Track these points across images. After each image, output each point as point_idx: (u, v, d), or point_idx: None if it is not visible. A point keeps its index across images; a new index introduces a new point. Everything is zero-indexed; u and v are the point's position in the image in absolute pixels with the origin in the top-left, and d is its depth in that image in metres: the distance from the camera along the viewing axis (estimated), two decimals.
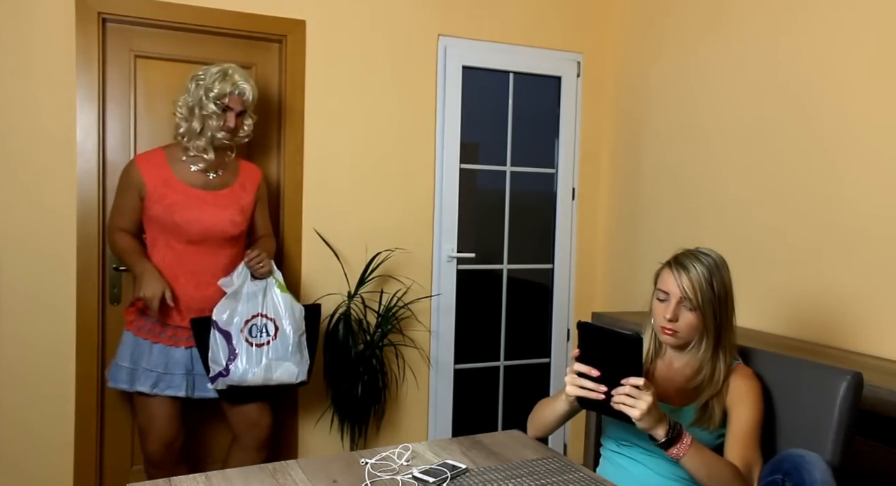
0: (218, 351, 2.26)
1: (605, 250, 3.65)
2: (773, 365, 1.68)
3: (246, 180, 2.47)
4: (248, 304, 2.32)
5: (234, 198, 2.40)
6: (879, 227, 2.31)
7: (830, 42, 2.48)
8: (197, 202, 2.31)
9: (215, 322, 2.26)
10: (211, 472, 1.39)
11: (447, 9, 3.24)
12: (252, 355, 2.28)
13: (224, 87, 2.27)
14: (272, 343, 2.32)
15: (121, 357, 2.33)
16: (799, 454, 1.40)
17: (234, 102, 2.30)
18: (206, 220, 2.30)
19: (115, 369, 2.33)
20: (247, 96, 2.33)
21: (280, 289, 2.39)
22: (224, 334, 2.26)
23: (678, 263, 1.61)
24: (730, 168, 2.89)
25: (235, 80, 2.29)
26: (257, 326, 2.31)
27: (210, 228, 2.31)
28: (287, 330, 2.35)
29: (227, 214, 2.34)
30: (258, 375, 2.28)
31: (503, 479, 1.36)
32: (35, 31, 2.59)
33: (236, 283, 2.31)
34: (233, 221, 2.36)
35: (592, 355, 1.43)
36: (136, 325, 2.34)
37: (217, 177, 2.39)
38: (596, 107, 3.63)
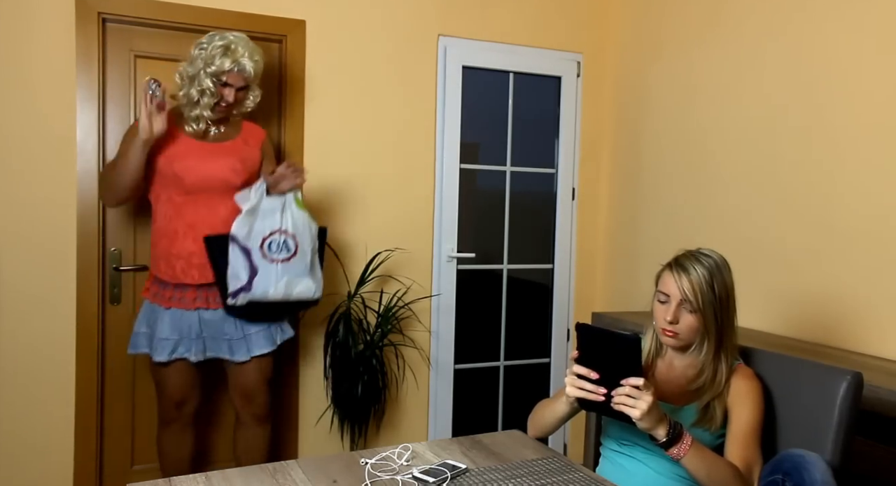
0: (239, 267, 2.25)
1: (605, 250, 3.65)
2: (773, 365, 1.68)
3: (249, 136, 2.46)
4: (266, 220, 2.30)
5: (236, 149, 2.39)
6: (879, 227, 2.31)
7: (830, 42, 2.48)
8: (196, 151, 2.30)
9: (235, 237, 2.25)
10: (211, 472, 1.39)
11: (447, 9, 3.24)
12: (272, 270, 2.28)
13: (223, 62, 2.22)
14: (293, 259, 2.31)
15: (139, 324, 2.37)
16: (799, 454, 1.40)
17: (234, 79, 2.26)
18: (204, 168, 2.29)
19: (135, 337, 2.36)
20: (248, 73, 2.27)
21: (298, 205, 2.37)
22: (244, 250, 2.25)
23: (678, 264, 1.61)
24: (730, 168, 2.89)
25: (237, 56, 2.24)
26: (276, 242, 2.30)
27: (209, 176, 2.29)
28: (305, 247, 2.35)
29: (227, 162, 2.33)
30: (279, 290, 2.29)
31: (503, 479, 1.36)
32: (35, 31, 2.59)
33: (254, 199, 2.29)
34: (233, 169, 2.34)
35: (591, 357, 1.43)
36: (151, 291, 2.37)
37: (219, 133, 2.39)
38: (596, 107, 3.63)
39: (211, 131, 2.38)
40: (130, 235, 2.79)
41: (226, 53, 2.22)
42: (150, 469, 2.83)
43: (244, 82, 2.29)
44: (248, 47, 2.27)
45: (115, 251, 2.76)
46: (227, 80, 2.25)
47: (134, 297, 2.79)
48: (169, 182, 2.30)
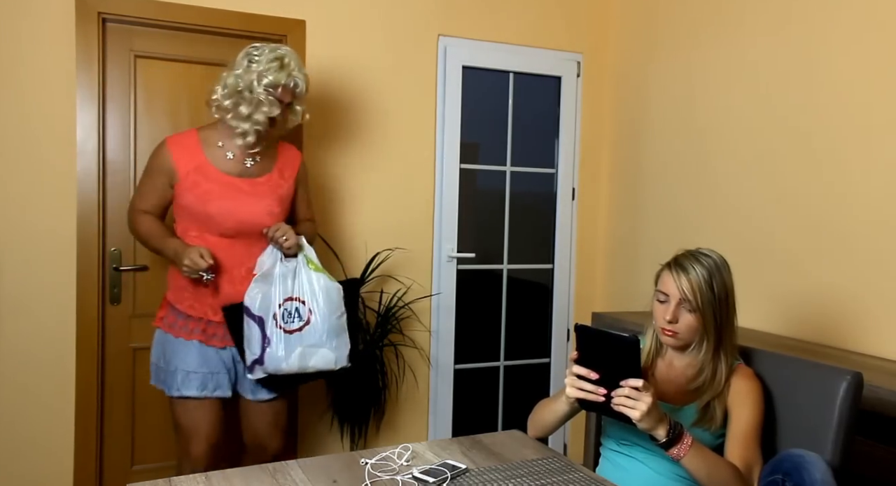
0: (252, 338, 2.10)
1: (605, 250, 3.65)
2: (773, 365, 1.68)
3: (284, 166, 2.30)
4: (280, 286, 2.13)
5: (273, 186, 2.23)
6: (879, 227, 2.31)
7: (830, 42, 2.48)
8: (232, 191, 2.14)
9: (247, 308, 2.10)
10: (211, 472, 1.39)
11: (447, 9, 3.24)
12: (285, 341, 2.10)
13: (279, 77, 2.10)
14: (305, 329, 2.12)
15: (156, 356, 2.21)
16: (799, 454, 1.40)
17: (285, 94, 2.14)
18: (241, 211, 2.13)
19: (156, 370, 2.21)
20: (300, 88, 2.17)
21: (312, 267, 2.19)
22: (256, 319, 2.10)
23: (678, 264, 1.61)
24: (730, 168, 2.89)
25: (291, 69, 2.13)
26: (289, 310, 2.12)
27: (246, 220, 2.14)
28: (320, 313, 2.14)
29: (264, 204, 2.17)
30: (293, 363, 2.10)
31: (503, 479, 1.36)
32: (35, 31, 2.59)
33: (267, 264, 2.14)
34: (270, 213, 2.19)
35: (591, 358, 1.44)
36: (167, 322, 2.19)
37: (255, 164, 2.21)
38: (596, 107, 3.63)
39: (247, 163, 2.19)
40: (130, 236, 2.79)
41: (281, 68, 2.11)
42: (151, 469, 2.83)
43: (292, 98, 2.18)
44: (298, 61, 2.18)
45: (115, 251, 2.76)
46: (279, 94, 2.13)
47: (134, 297, 2.79)
48: (201, 221, 2.13)
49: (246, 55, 2.14)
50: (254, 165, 2.21)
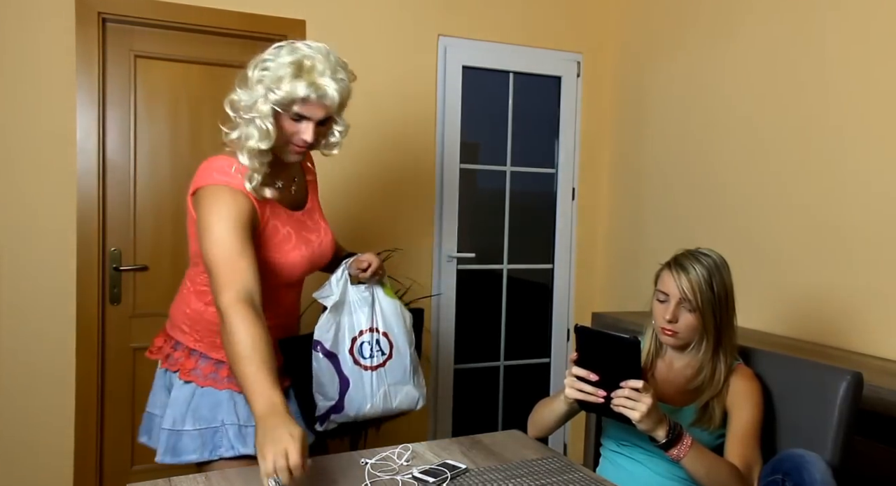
0: (326, 380, 1.70)
1: (605, 250, 3.65)
2: (773, 365, 1.68)
3: (312, 176, 1.89)
4: (353, 316, 1.77)
5: (321, 211, 1.84)
6: (879, 227, 2.31)
7: (830, 42, 2.48)
8: (302, 231, 1.70)
9: (319, 343, 1.71)
10: (211, 472, 1.39)
11: (447, 9, 3.24)
12: (367, 381, 1.74)
13: (296, 87, 1.49)
14: (389, 363, 1.77)
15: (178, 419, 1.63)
16: (799, 453, 1.40)
17: (312, 109, 1.53)
18: (315, 254, 1.73)
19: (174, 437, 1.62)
20: (330, 99, 1.53)
21: (387, 293, 1.85)
22: (331, 357, 1.72)
23: (678, 264, 1.61)
24: (730, 168, 2.89)
25: (314, 76, 1.51)
26: (369, 343, 1.77)
27: (318, 263, 1.76)
28: (402, 345, 1.80)
29: (329, 239, 1.79)
30: (377, 405, 1.74)
31: (503, 479, 1.36)
32: (35, 32, 2.59)
33: (336, 291, 1.77)
34: (333, 246, 1.81)
35: (590, 359, 1.43)
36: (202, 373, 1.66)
37: (297, 190, 1.76)
38: (596, 107, 3.63)
39: (293, 190, 1.72)
40: (130, 236, 2.79)
41: (299, 74, 1.51)
42: (151, 469, 2.83)
43: (325, 113, 1.56)
44: (328, 62, 1.54)
45: (115, 251, 2.76)
46: (301, 111, 1.53)
47: (134, 297, 2.79)
48: (271, 274, 1.63)
49: (257, 64, 1.56)
50: (297, 192, 1.76)
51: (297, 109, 1.53)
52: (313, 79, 1.51)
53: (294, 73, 1.50)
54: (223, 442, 1.60)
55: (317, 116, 1.55)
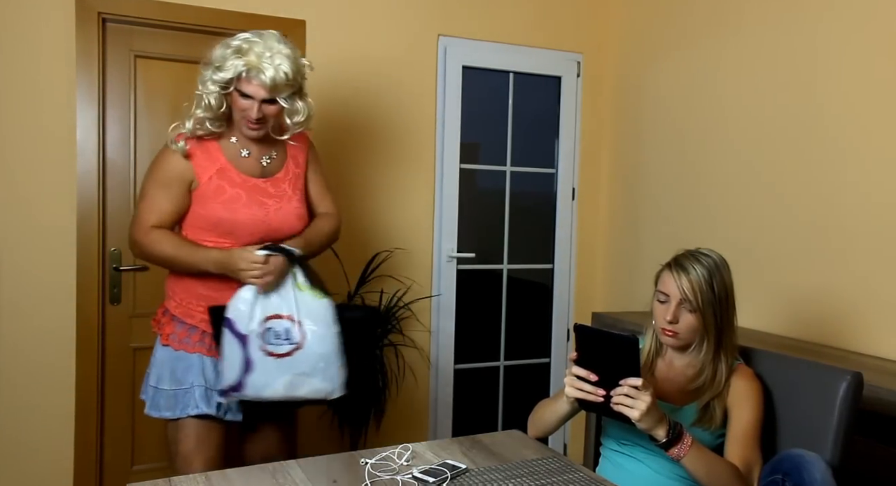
0: (232, 358, 1.75)
1: (605, 250, 3.65)
2: (773, 365, 1.68)
3: (297, 152, 2.00)
4: (268, 298, 1.79)
5: (294, 181, 1.95)
6: (879, 227, 2.31)
7: (830, 42, 2.48)
8: (259, 195, 1.86)
9: (230, 321, 1.75)
10: (210, 472, 1.39)
11: (447, 9, 3.24)
12: (271, 368, 1.76)
13: (234, 66, 1.74)
14: (297, 354, 1.77)
15: (157, 378, 1.88)
16: (799, 453, 1.40)
17: (252, 89, 1.76)
18: (272, 218, 1.86)
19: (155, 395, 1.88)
20: (266, 81, 1.74)
21: (301, 288, 1.84)
22: (240, 337, 1.75)
23: (678, 264, 1.61)
24: (730, 168, 2.89)
25: (251, 58, 1.73)
26: (278, 330, 1.77)
27: (277, 227, 1.88)
28: (317, 338, 1.79)
29: (292, 207, 1.91)
30: (278, 391, 1.78)
31: (503, 479, 1.36)
32: (35, 31, 2.59)
33: None
34: (299, 216, 1.93)
35: (590, 358, 1.44)
36: (177, 338, 1.88)
37: (271, 161, 1.93)
38: (596, 107, 3.63)
39: (263, 161, 1.91)
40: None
41: (238, 55, 1.74)
42: (150, 469, 2.83)
43: (268, 93, 1.77)
44: (268, 47, 1.75)
45: (115, 251, 2.76)
46: (242, 89, 1.77)
47: (134, 297, 2.79)
48: (225, 232, 1.84)
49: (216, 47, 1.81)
50: (271, 163, 1.94)
51: (239, 88, 1.77)
52: (249, 60, 1.74)
53: (234, 54, 1.75)
54: (190, 402, 1.84)
55: (259, 95, 1.77)
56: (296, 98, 1.86)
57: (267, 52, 1.74)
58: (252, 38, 1.76)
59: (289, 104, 1.83)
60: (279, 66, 1.75)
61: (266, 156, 1.93)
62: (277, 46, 1.77)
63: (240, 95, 1.77)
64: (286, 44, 1.79)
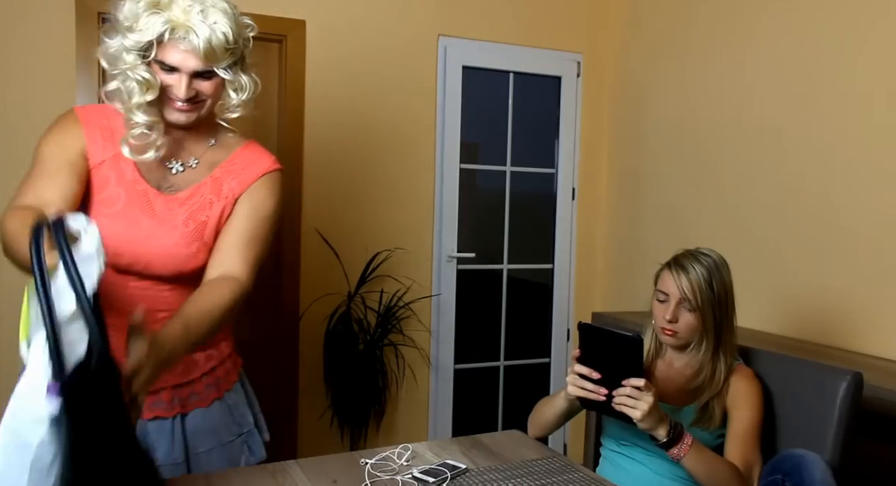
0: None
1: (605, 250, 3.65)
2: (773, 365, 1.68)
3: (232, 175, 1.41)
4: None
5: (195, 214, 1.37)
6: (879, 227, 2.31)
7: (830, 43, 2.48)
8: (139, 207, 1.34)
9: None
10: (210, 473, 1.39)
11: (447, 9, 3.24)
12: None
13: (152, 25, 1.21)
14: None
15: None
16: (799, 454, 1.40)
17: (178, 56, 1.24)
18: (139, 245, 1.33)
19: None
20: (197, 45, 1.22)
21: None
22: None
23: (678, 264, 1.61)
24: (729, 168, 2.89)
25: (174, 14, 1.21)
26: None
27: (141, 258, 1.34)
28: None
29: (169, 242, 1.35)
30: None
31: (503, 479, 1.36)
32: (35, 32, 2.59)
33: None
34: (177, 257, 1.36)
35: (593, 356, 1.44)
36: None
37: (182, 172, 1.40)
38: (596, 107, 3.63)
39: (172, 167, 1.39)
40: None
41: (155, 8, 1.22)
42: None
43: (202, 63, 1.25)
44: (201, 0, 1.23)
45: None
46: (165, 59, 1.24)
47: None
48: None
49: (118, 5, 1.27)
50: (181, 174, 1.40)
51: (161, 58, 1.24)
52: (172, 16, 1.21)
53: (148, 7, 1.22)
54: None
55: (188, 65, 1.25)
56: (238, 70, 1.33)
57: (196, 5, 1.23)
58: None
59: (231, 76, 1.31)
60: (215, 25, 1.23)
61: (179, 161, 1.40)
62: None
63: (161, 68, 1.26)
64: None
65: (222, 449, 1.47)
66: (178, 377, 1.42)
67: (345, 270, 3.08)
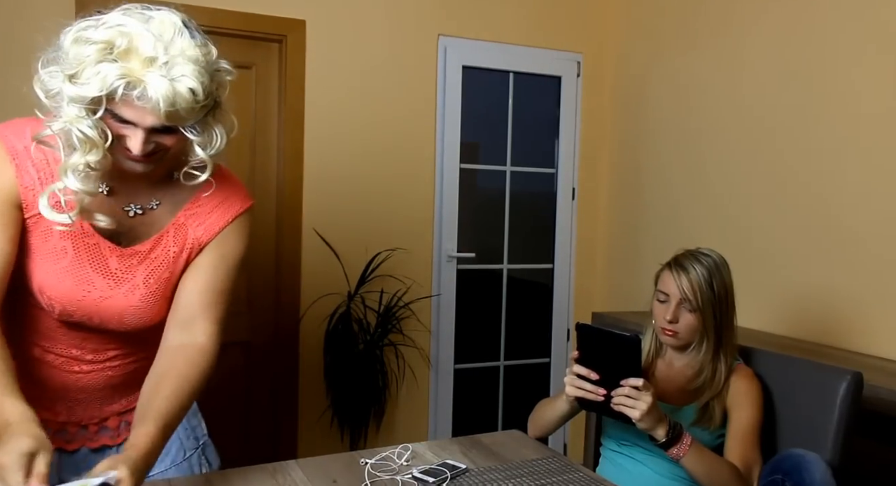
0: None
1: (605, 250, 3.65)
2: (773, 365, 1.68)
3: (198, 221, 1.24)
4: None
5: (158, 269, 1.22)
6: (879, 227, 2.31)
7: (830, 43, 2.48)
8: (91, 263, 1.17)
9: None
10: (210, 472, 1.39)
11: (447, 9, 3.24)
12: None
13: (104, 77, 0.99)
14: None
15: None
16: (799, 453, 1.40)
17: (132, 112, 1.02)
18: (93, 307, 1.18)
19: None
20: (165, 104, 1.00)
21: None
22: None
23: (678, 264, 1.61)
24: (729, 168, 2.89)
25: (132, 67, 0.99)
26: None
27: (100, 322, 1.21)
28: None
29: (128, 304, 1.20)
30: None
31: (503, 479, 1.36)
32: (35, 31, 2.58)
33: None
34: (139, 317, 1.22)
35: (592, 357, 1.44)
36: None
37: (141, 214, 1.21)
38: (596, 107, 3.63)
39: (130, 210, 1.19)
40: None
41: (109, 56, 1.00)
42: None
43: (157, 120, 1.02)
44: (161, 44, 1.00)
45: None
46: (121, 112, 1.03)
47: None
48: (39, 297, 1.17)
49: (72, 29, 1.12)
50: (139, 216, 1.20)
51: (112, 108, 1.02)
52: (128, 68, 0.98)
53: (100, 55, 1.00)
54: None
55: (144, 122, 1.03)
56: (209, 121, 1.11)
57: (161, 55, 0.99)
58: (131, 23, 1.02)
59: (197, 135, 1.09)
60: (182, 78, 1.00)
61: (136, 204, 1.19)
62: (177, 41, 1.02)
63: (113, 117, 1.03)
64: (191, 32, 1.06)
65: (178, 468, 1.36)
66: (122, 406, 1.34)
67: (345, 270, 3.08)
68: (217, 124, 1.12)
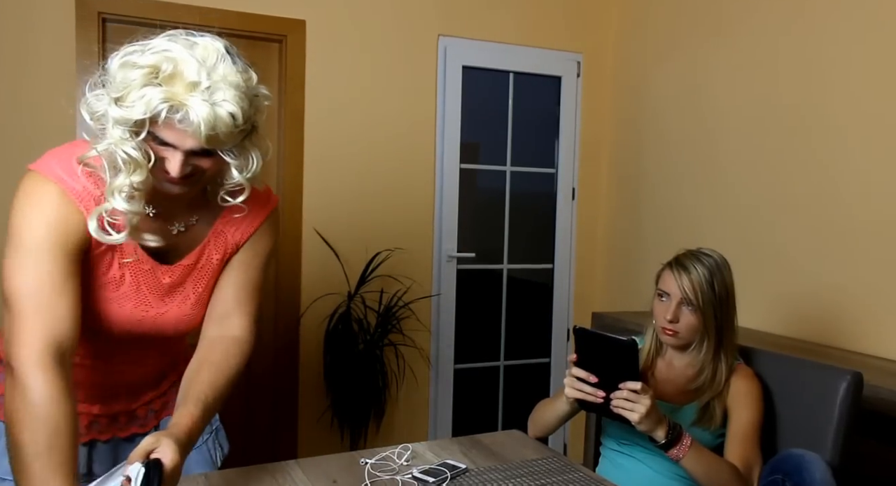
0: None
1: (605, 250, 3.65)
2: (774, 365, 1.68)
3: (235, 226, 1.32)
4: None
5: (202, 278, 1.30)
6: (880, 228, 2.31)
7: (831, 43, 2.48)
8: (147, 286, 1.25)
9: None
10: (210, 472, 1.39)
11: (447, 9, 3.24)
12: None
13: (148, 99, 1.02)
14: None
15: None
16: (799, 453, 1.40)
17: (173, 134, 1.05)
18: (150, 323, 1.27)
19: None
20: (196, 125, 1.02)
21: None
22: None
23: (679, 263, 1.61)
24: (730, 168, 2.89)
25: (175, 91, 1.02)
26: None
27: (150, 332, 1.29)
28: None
29: (181, 313, 1.30)
30: None
31: (503, 479, 1.36)
32: (35, 32, 2.59)
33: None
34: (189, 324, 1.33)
35: (590, 360, 1.44)
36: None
37: (185, 231, 1.27)
38: (596, 107, 3.63)
39: (173, 228, 1.25)
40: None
41: (154, 80, 1.04)
42: None
43: (196, 143, 1.05)
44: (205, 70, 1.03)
45: None
46: (162, 135, 1.06)
47: None
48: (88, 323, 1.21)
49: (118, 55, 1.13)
50: (182, 234, 1.27)
51: (154, 131, 1.05)
52: (172, 92, 1.02)
53: (146, 79, 1.04)
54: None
55: (184, 144, 1.06)
56: (246, 145, 1.14)
57: (204, 80, 1.03)
58: (177, 48, 1.04)
59: (234, 158, 1.13)
60: (223, 103, 1.04)
61: (181, 222, 1.25)
62: (220, 67, 1.05)
63: (154, 140, 1.07)
64: (233, 58, 1.08)
65: (197, 452, 1.43)
66: (150, 396, 1.46)
67: (345, 270, 3.08)
68: (254, 148, 1.16)
